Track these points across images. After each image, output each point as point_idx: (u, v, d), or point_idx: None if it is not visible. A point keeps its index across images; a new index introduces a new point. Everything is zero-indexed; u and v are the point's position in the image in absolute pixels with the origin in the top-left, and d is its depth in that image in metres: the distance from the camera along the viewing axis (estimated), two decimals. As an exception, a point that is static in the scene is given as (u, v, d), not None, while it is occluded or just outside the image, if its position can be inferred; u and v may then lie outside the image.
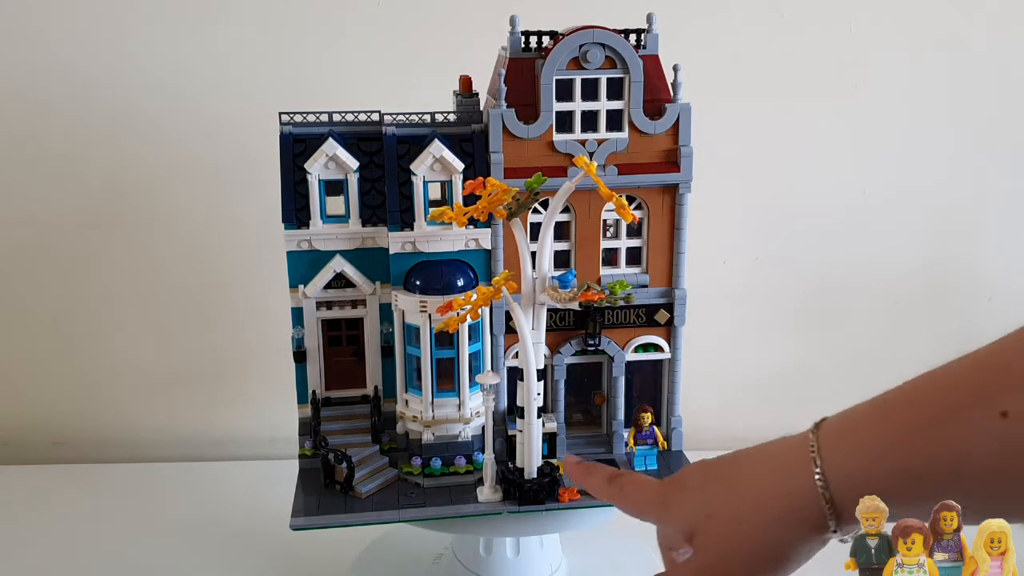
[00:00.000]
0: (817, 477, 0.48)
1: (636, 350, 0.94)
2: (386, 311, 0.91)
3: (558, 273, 0.86)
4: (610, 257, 0.94)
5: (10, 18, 1.18)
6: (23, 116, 1.21)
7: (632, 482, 0.62)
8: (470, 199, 0.83)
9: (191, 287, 1.28)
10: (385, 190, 0.88)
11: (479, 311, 0.84)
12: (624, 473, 0.65)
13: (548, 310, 0.87)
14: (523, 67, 0.88)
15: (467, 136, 0.90)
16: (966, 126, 1.29)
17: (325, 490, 0.88)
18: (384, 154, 0.89)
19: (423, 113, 0.91)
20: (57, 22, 1.19)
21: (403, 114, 0.91)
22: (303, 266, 0.89)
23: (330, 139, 0.87)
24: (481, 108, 0.93)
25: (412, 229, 0.88)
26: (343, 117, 0.91)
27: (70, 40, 1.19)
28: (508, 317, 0.89)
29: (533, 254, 0.85)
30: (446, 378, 0.89)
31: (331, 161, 0.88)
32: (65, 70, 1.20)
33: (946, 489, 0.46)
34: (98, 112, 1.21)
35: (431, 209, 0.85)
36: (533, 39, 0.89)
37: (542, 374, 0.90)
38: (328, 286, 0.89)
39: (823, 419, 0.51)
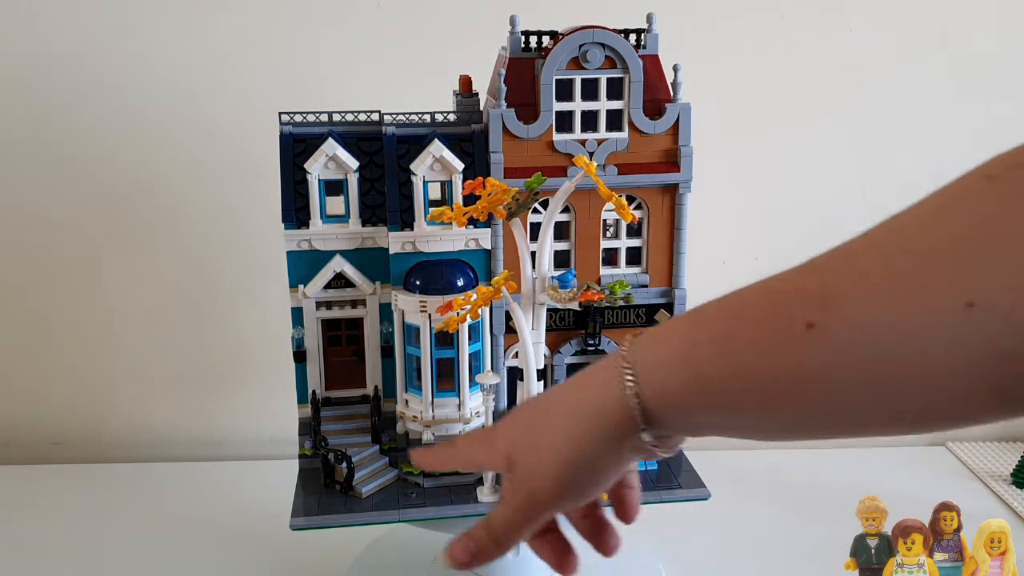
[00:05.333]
0: (628, 379, 0.47)
1: (636, 350, 0.94)
2: (386, 311, 0.91)
3: (558, 273, 0.87)
4: (610, 257, 0.94)
5: (10, 18, 1.18)
6: (23, 116, 1.21)
7: (462, 437, 0.63)
8: (470, 199, 0.83)
9: (191, 287, 1.28)
10: (385, 190, 0.88)
11: (479, 311, 0.84)
12: (458, 436, 0.65)
13: (548, 310, 0.87)
14: (523, 67, 0.88)
15: (467, 136, 0.90)
16: (967, 126, 1.29)
17: (325, 490, 0.89)
18: (384, 154, 0.89)
19: (423, 113, 0.91)
20: (57, 22, 1.19)
21: (403, 114, 0.91)
22: (303, 266, 0.89)
23: (330, 139, 0.87)
24: (481, 108, 0.93)
25: (412, 229, 0.88)
26: (343, 117, 0.91)
27: (70, 40, 1.19)
28: (508, 317, 0.89)
29: (533, 254, 0.85)
30: (446, 378, 0.89)
31: (331, 161, 0.88)
32: (65, 70, 1.20)
33: (751, 399, 0.44)
34: (98, 112, 1.21)
35: (431, 209, 0.85)
36: (533, 39, 0.89)
37: (542, 374, 0.90)
38: (328, 286, 0.89)
39: (641, 332, 0.51)
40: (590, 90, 0.88)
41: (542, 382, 0.89)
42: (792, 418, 0.44)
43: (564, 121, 0.89)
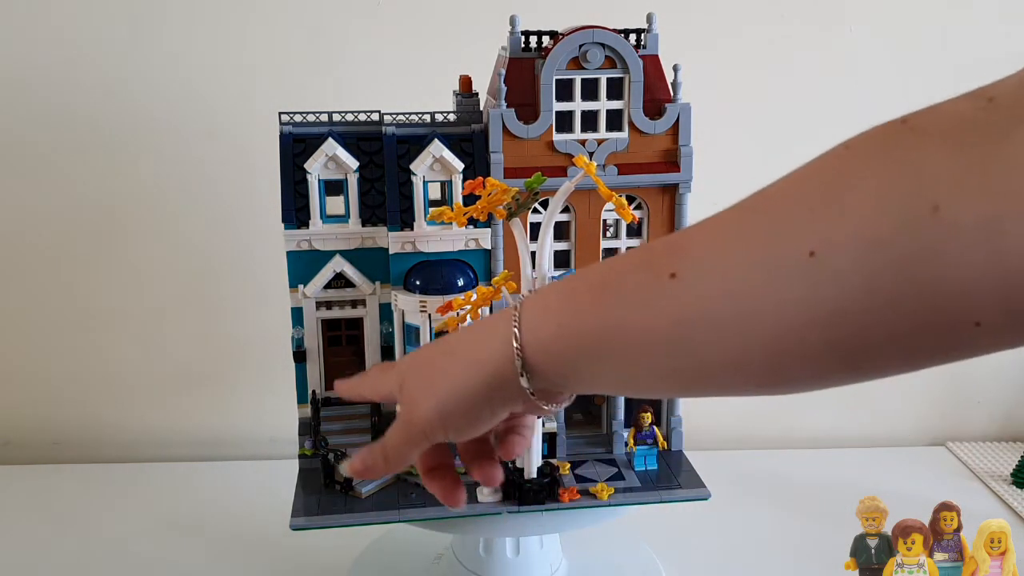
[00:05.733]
0: (514, 325, 0.50)
1: (636, 350, 0.94)
2: (386, 311, 0.91)
3: (558, 273, 0.86)
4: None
5: (10, 18, 1.18)
6: (23, 116, 1.21)
7: (373, 367, 0.67)
8: (470, 199, 0.83)
9: (191, 287, 1.28)
10: (385, 190, 0.88)
11: (479, 311, 0.84)
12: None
13: (548, 310, 0.87)
14: (523, 67, 0.88)
15: (467, 136, 0.90)
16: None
17: (325, 490, 0.88)
18: (384, 154, 0.89)
19: (423, 113, 0.91)
20: (57, 22, 1.19)
21: (403, 114, 0.91)
22: (303, 266, 0.89)
23: (330, 139, 0.87)
24: (481, 108, 0.93)
25: (412, 229, 0.88)
26: (343, 117, 0.91)
27: (71, 41, 1.19)
28: (508, 317, 0.89)
29: (533, 254, 0.85)
30: (446, 378, 0.89)
31: (331, 161, 0.88)
32: (65, 70, 1.20)
33: (619, 348, 0.46)
34: (98, 111, 1.21)
35: (431, 209, 0.85)
36: (533, 39, 0.89)
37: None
38: (328, 286, 0.89)
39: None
40: (590, 90, 0.88)
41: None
42: (657, 369, 0.46)
43: (564, 121, 0.89)
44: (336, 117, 0.91)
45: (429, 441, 0.55)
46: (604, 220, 0.92)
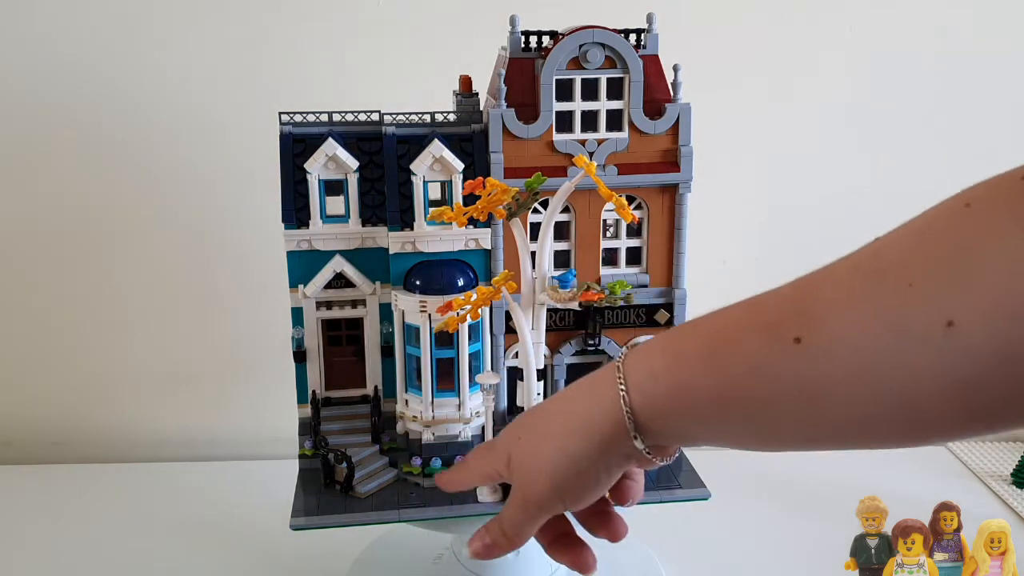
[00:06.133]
0: (620, 388, 0.49)
1: (636, 350, 0.94)
2: (386, 311, 0.91)
3: (558, 273, 0.87)
4: (610, 257, 0.94)
5: (10, 18, 1.18)
6: (22, 116, 1.21)
7: (472, 452, 0.66)
8: (470, 199, 0.83)
9: (191, 287, 1.28)
10: (385, 190, 0.88)
11: (479, 311, 0.84)
12: (469, 453, 0.69)
13: (548, 310, 0.87)
14: (523, 67, 0.88)
15: (467, 136, 0.90)
16: (968, 126, 1.29)
17: (325, 490, 0.88)
18: (384, 154, 0.89)
19: (423, 113, 0.91)
20: (57, 22, 1.19)
21: (403, 114, 0.91)
22: (303, 266, 0.89)
23: (330, 139, 0.87)
24: (481, 108, 0.93)
25: (412, 229, 0.88)
26: (343, 117, 0.91)
27: (72, 41, 1.19)
28: (508, 317, 0.89)
29: (533, 254, 0.85)
30: (446, 378, 0.89)
31: (331, 161, 0.88)
32: (66, 70, 1.20)
33: (737, 409, 0.45)
34: (97, 111, 1.21)
35: (431, 209, 0.85)
36: (533, 39, 0.89)
37: (542, 374, 0.90)
38: (328, 286, 0.89)
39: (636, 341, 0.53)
40: (590, 90, 0.88)
41: (542, 382, 0.89)
42: (776, 429, 0.46)
43: (564, 121, 0.89)
44: (336, 117, 0.91)
45: (548, 514, 0.55)
46: (604, 220, 0.92)
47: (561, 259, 0.92)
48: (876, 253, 0.43)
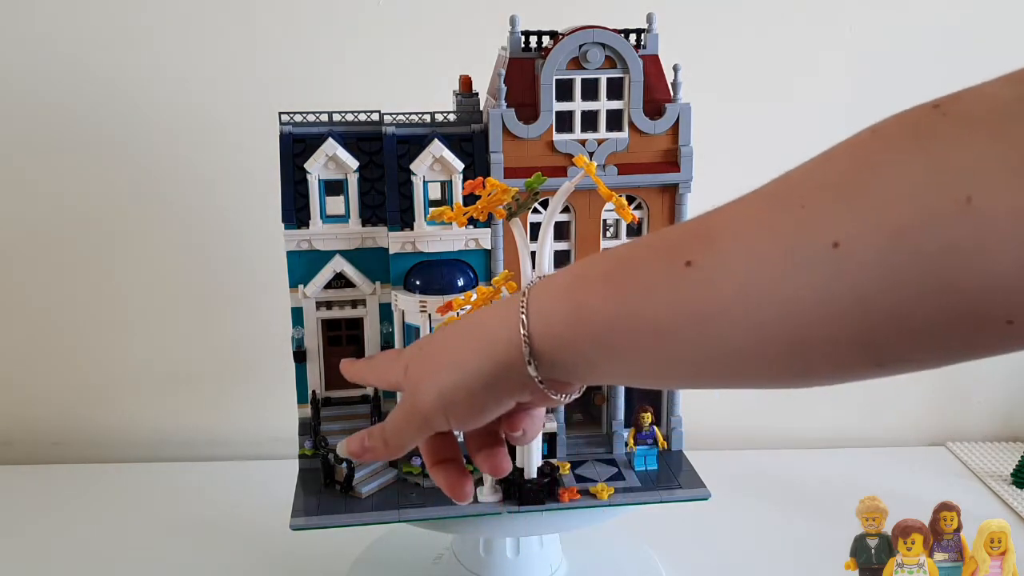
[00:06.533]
0: (521, 311, 0.48)
1: (636, 350, 0.94)
2: (386, 311, 0.91)
3: (558, 273, 0.86)
4: (610, 257, 0.94)
5: (11, 19, 1.18)
6: (22, 116, 1.21)
7: (380, 354, 0.67)
8: (470, 199, 0.83)
9: (191, 287, 1.28)
10: (385, 190, 0.88)
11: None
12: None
13: (548, 310, 0.87)
14: (523, 67, 0.88)
15: (467, 136, 0.90)
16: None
17: (325, 490, 0.88)
18: (384, 154, 0.89)
19: (423, 113, 0.91)
20: (57, 22, 1.19)
21: (403, 114, 0.91)
22: (303, 266, 0.89)
23: (330, 139, 0.87)
24: (481, 108, 0.93)
25: (412, 229, 0.88)
26: (343, 117, 0.91)
27: (69, 40, 1.19)
28: (508, 317, 0.89)
29: (533, 254, 0.85)
30: (446, 378, 0.89)
31: (331, 161, 0.88)
32: (66, 70, 1.20)
33: (630, 337, 0.44)
34: (97, 111, 1.21)
35: (431, 209, 0.85)
36: (533, 39, 0.89)
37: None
38: (328, 286, 0.89)
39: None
40: (590, 90, 0.88)
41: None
42: (671, 359, 0.44)
43: (564, 121, 0.89)
44: (336, 117, 0.91)
45: (431, 427, 0.53)
46: (604, 220, 0.92)
47: (561, 259, 0.92)
48: (781, 179, 0.42)
